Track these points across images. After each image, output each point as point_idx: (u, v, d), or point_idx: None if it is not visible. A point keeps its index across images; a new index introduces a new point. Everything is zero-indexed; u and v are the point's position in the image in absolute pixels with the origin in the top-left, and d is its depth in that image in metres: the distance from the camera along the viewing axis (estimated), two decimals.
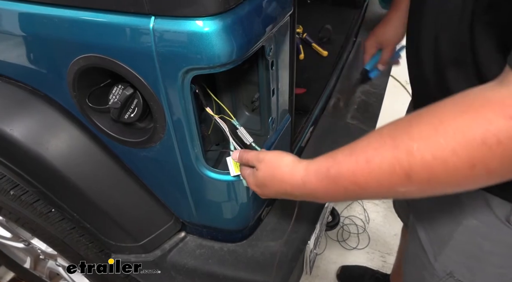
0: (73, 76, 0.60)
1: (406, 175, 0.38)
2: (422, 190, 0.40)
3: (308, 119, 1.06)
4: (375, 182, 0.41)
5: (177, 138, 0.63)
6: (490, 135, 0.34)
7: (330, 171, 0.45)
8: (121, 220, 0.75)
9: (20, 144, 0.65)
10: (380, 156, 0.40)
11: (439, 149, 0.36)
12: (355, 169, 0.42)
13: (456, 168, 0.36)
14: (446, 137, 0.36)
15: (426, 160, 0.37)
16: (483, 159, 0.35)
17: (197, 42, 0.50)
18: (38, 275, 1.35)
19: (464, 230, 0.63)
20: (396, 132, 0.40)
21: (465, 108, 0.36)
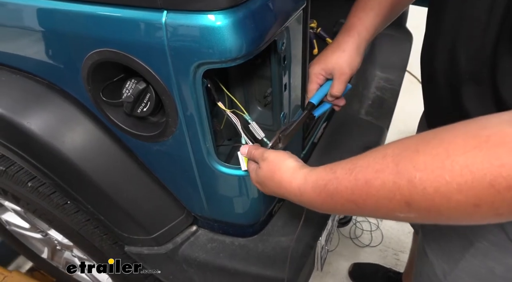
0: (87, 71, 0.61)
1: (405, 203, 0.37)
2: (422, 218, 0.38)
3: (321, 115, 1.05)
4: (373, 204, 0.40)
5: (189, 133, 0.63)
6: (501, 180, 0.31)
7: (327, 185, 0.45)
8: (134, 213, 0.76)
9: (37, 137, 0.67)
10: (381, 179, 0.38)
11: (443, 184, 0.34)
12: (353, 188, 0.41)
13: (459, 205, 0.34)
14: (452, 173, 0.33)
15: (428, 192, 0.35)
16: (490, 201, 0.33)
17: (209, 36, 0.50)
18: (55, 265, 1.39)
19: (476, 252, 0.61)
20: (400, 158, 0.38)
21: (479, 143, 0.33)
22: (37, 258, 1.42)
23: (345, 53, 0.72)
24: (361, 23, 0.72)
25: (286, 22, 0.59)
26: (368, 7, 0.72)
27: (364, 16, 0.72)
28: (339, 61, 0.73)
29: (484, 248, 0.60)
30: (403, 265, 1.46)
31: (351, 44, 0.72)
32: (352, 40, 0.72)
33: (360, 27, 0.72)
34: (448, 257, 0.67)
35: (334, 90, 0.74)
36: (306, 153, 0.97)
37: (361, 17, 0.72)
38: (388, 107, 1.31)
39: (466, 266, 0.64)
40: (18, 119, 0.67)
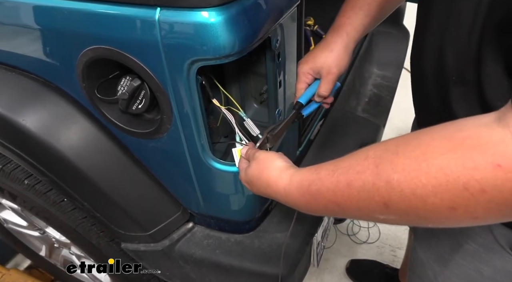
0: (82, 68, 0.61)
1: (384, 204, 0.37)
2: (402, 220, 0.39)
3: (317, 112, 1.06)
4: (354, 205, 0.40)
5: (183, 130, 0.63)
6: (474, 183, 0.31)
7: (311, 186, 0.45)
8: (130, 210, 0.77)
9: (33, 134, 0.67)
10: (361, 181, 0.39)
11: (419, 186, 0.34)
12: (335, 190, 0.42)
13: (435, 207, 0.34)
14: (428, 175, 0.33)
15: (405, 194, 0.35)
16: (465, 204, 0.33)
17: (202, 33, 0.50)
18: (53, 263, 1.40)
19: (464, 254, 0.62)
20: (381, 160, 0.38)
21: (454, 145, 0.33)
22: (35, 256, 1.42)
23: (333, 53, 0.71)
24: (350, 23, 0.71)
25: (280, 19, 0.59)
26: (357, 7, 0.71)
27: (353, 15, 0.71)
28: (327, 61, 0.72)
29: (472, 249, 0.60)
30: (400, 262, 1.47)
31: (340, 44, 0.71)
32: (340, 40, 0.71)
33: (349, 27, 0.71)
34: (438, 258, 0.67)
35: (321, 90, 0.73)
36: (303, 150, 0.97)
37: (350, 16, 0.72)
38: (384, 104, 1.31)
39: (455, 268, 0.64)
40: (13, 117, 0.67)
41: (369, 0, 0.71)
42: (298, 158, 0.96)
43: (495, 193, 0.31)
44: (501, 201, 0.31)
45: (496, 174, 0.30)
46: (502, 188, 0.31)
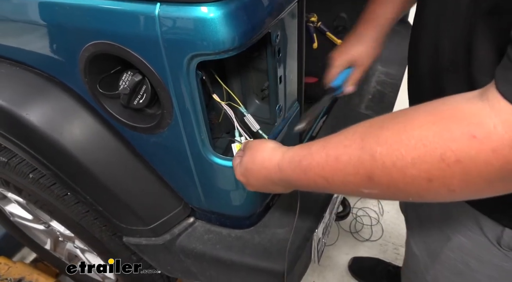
0: (84, 63, 0.62)
1: (368, 177, 0.38)
2: (384, 194, 0.40)
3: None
4: (341, 179, 0.41)
5: (184, 125, 0.64)
6: (450, 153, 0.32)
7: (302, 161, 0.46)
8: (132, 204, 0.78)
9: (36, 128, 0.68)
10: (348, 155, 0.40)
11: (399, 158, 0.35)
12: (324, 164, 0.43)
13: (413, 179, 0.35)
14: (408, 147, 0.34)
15: (386, 166, 0.36)
16: (442, 176, 0.33)
17: (202, 28, 0.51)
18: (57, 257, 1.42)
19: (453, 246, 0.62)
20: (367, 134, 0.39)
21: (435, 118, 0.34)
22: (40, 249, 1.44)
23: (367, 45, 0.79)
24: (380, 17, 0.78)
25: (280, 15, 0.59)
26: (386, 1, 0.77)
27: (382, 9, 0.78)
28: (361, 53, 0.79)
29: (460, 242, 0.60)
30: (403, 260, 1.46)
31: (372, 37, 0.79)
32: (372, 33, 0.78)
33: (380, 20, 0.78)
34: (429, 251, 0.68)
35: (355, 76, 0.81)
36: None
37: (379, 10, 0.78)
38: (388, 101, 1.31)
39: (444, 260, 0.64)
40: (17, 111, 0.68)
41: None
42: None
43: (470, 163, 0.31)
44: (475, 172, 0.32)
45: (471, 144, 0.31)
46: (476, 158, 0.31)
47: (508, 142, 0.30)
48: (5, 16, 0.66)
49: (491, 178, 0.32)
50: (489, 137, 0.31)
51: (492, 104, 0.32)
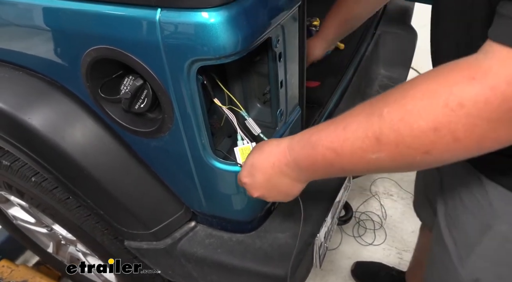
0: (86, 68, 0.62)
1: (376, 139, 0.39)
2: (393, 158, 0.40)
3: (321, 113, 1.05)
4: (349, 148, 0.42)
5: (185, 129, 0.64)
6: (453, 97, 0.34)
7: (311, 137, 0.47)
8: (133, 208, 0.78)
9: (38, 132, 0.68)
10: (357, 122, 0.41)
11: (406, 112, 0.37)
12: (333, 135, 0.44)
13: (420, 130, 0.36)
14: (414, 100, 0.37)
15: (394, 123, 0.38)
16: (446, 122, 0.35)
17: (203, 33, 0.51)
18: (60, 260, 1.42)
19: (494, 235, 0.60)
20: (375, 100, 0.41)
21: (438, 73, 0.37)
22: (43, 252, 1.44)
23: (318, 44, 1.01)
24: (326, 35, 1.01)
25: (280, 20, 0.59)
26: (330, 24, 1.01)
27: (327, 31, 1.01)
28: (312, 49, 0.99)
29: (504, 230, 0.59)
30: (406, 264, 1.45)
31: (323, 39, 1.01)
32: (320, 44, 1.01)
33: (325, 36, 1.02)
34: (465, 242, 0.66)
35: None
36: None
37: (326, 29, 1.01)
38: None
39: (483, 250, 0.63)
40: (19, 115, 0.68)
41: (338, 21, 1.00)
42: None
43: (471, 105, 0.34)
44: (476, 113, 0.34)
45: (471, 86, 0.34)
46: (476, 98, 0.33)
47: (504, 78, 0.33)
48: (8, 20, 0.66)
49: (493, 118, 0.34)
50: (486, 76, 0.33)
51: (486, 51, 0.35)
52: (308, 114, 1.06)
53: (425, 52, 0.83)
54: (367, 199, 1.77)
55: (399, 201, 1.76)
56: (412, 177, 1.78)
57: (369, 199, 1.77)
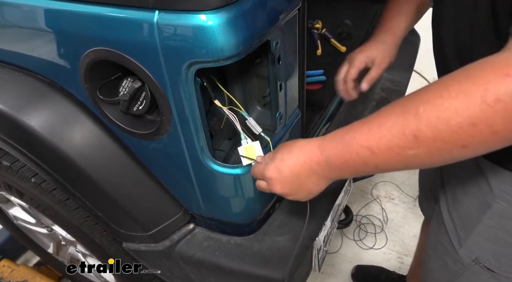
0: (84, 69, 0.62)
1: (413, 136, 0.41)
2: (430, 153, 0.42)
3: (322, 115, 1.05)
4: (385, 145, 0.43)
5: (183, 131, 0.64)
6: (489, 94, 0.36)
7: (344, 136, 0.48)
8: (131, 210, 0.78)
9: (36, 133, 0.68)
10: (391, 120, 0.43)
11: (443, 109, 0.39)
12: (367, 134, 0.45)
13: (458, 126, 0.38)
14: (450, 99, 0.38)
15: (431, 120, 0.39)
16: (484, 117, 0.37)
17: (200, 36, 0.51)
18: (60, 260, 1.42)
19: (492, 213, 0.62)
20: (408, 100, 0.43)
21: (469, 72, 0.39)
22: (43, 252, 1.45)
23: (387, 46, 0.88)
24: (397, 25, 0.88)
25: (279, 23, 0.59)
26: (401, 12, 0.89)
27: (398, 19, 0.89)
28: (382, 52, 0.88)
29: (502, 208, 0.60)
30: (407, 269, 1.44)
31: (391, 41, 0.88)
32: (391, 37, 0.88)
33: (397, 29, 0.88)
34: (465, 223, 0.67)
35: (373, 75, 0.89)
36: None
37: (396, 20, 0.89)
38: None
39: (482, 230, 0.64)
40: (18, 116, 0.68)
41: (408, 7, 0.88)
42: None
43: (508, 99, 0.36)
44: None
45: (506, 82, 0.36)
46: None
47: None
48: (7, 21, 0.66)
49: None
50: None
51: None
52: (309, 117, 1.06)
53: (428, 55, 0.84)
54: (368, 202, 1.76)
55: (400, 204, 1.75)
56: (413, 181, 1.77)
57: (370, 202, 1.76)
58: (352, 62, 0.89)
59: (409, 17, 0.88)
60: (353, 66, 0.88)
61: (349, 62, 0.90)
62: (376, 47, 0.88)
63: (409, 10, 0.88)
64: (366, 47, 0.89)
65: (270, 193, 0.60)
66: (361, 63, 0.88)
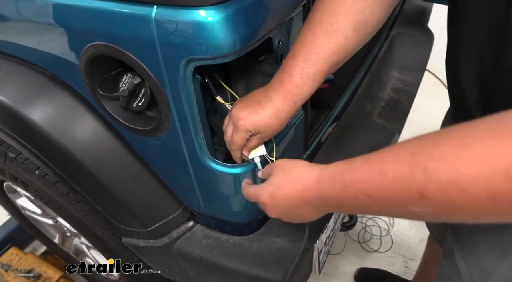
0: (84, 64, 0.62)
1: (420, 195, 0.36)
2: (437, 213, 0.37)
3: (328, 115, 1.03)
4: (387, 196, 0.39)
5: (182, 129, 0.63)
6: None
7: (344, 176, 0.43)
8: (130, 205, 0.77)
9: (37, 126, 0.68)
10: (396, 170, 0.37)
11: (459, 175, 0.33)
12: (368, 179, 0.40)
13: (475, 197, 0.33)
14: (468, 163, 0.32)
15: (443, 183, 0.34)
16: (505, 192, 0.31)
17: (199, 32, 0.49)
18: (66, 251, 1.44)
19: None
20: (418, 148, 0.37)
21: (496, 132, 0.32)
22: (50, 242, 1.47)
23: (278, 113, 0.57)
24: (298, 92, 0.56)
25: (282, 20, 0.57)
26: (306, 76, 0.55)
27: (301, 83, 0.55)
28: (270, 123, 0.57)
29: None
30: (412, 273, 1.42)
31: (286, 112, 0.57)
32: (287, 107, 0.56)
33: (295, 97, 0.56)
34: (481, 268, 0.63)
35: (253, 142, 0.59)
36: (310, 153, 0.95)
37: (298, 83, 0.55)
38: (402, 110, 1.26)
39: (500, 275, 0.60)
40: (20, 108, 0.68)
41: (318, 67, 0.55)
42: None
43: None
44: None
45: None
46: None
47: None
48: (10, 14, 0.66)
49: None
50: None
51: None
52: (314, 117, 1.04)
53: (442, 54, 0.77)
54: None
55: None
56: None
57: None
58: (238, 129, 0.57)
59: (316, 82, 0.56)
60: (238, 132, 0.57)
61: (233, 123, 0.58)
62: (263, 115, 0.55)
63: (313, 73, 0.55)
64: (258, 111, 0.56)
65: None
66: (246, 134, 0.57)
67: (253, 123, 0.56)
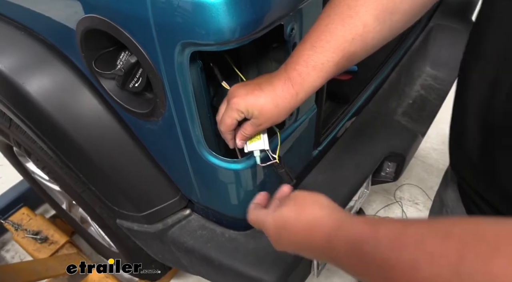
0: (80, 37, 0.57)
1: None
2: None
3: (347, 110, 0.95)
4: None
5: (178, 117, 0.58)
6: None
7: (364, 245, 0.35)
8: (125, 188, 0.74)
9: (31, 98, 0.65)
10: (433, 270, 0.29)
11: None
12: (394, 265, 0.32)
13: None
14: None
15: None
16: None
17: (198, 14, 0.43)
18: (73, 217, 1.45)
19: None
20: (468, 250, 0.28)
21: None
22: (58, 207, 1.49)
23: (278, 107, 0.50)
24: (301, 81, 0.49)
25: (295, 6, 0.50)
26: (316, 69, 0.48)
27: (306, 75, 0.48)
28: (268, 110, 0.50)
29: None
30: None
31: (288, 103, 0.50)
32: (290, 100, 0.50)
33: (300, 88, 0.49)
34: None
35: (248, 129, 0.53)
36: (323, 149, 0.89)
37: (301, 72, 0.48)
38: (430, 110, 1.16)
39: None
40: (14, 78, 0.65)
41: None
42: (316, 157, 0.87)
43: None
44: None
45: None
46: None
47: None
48: None
49: None
50: None
51: None
52: (331, 111, 0.97)
53: None
54: (390, 203, 1.66)
55: (424, 211, 1.63)
56: None
57: (392, 204, 1.66)
58: (230, 106, 0.51)
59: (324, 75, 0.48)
60: (228, 110, 0.51)
61: (227, 101, 0.52)
62: (259, 97, 0.49)
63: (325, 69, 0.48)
64: (255, 91, 0.49)
65: (270, 189, 0.55)
66: (238, 113, 0.50)
67: (246, 103, 0.49)
